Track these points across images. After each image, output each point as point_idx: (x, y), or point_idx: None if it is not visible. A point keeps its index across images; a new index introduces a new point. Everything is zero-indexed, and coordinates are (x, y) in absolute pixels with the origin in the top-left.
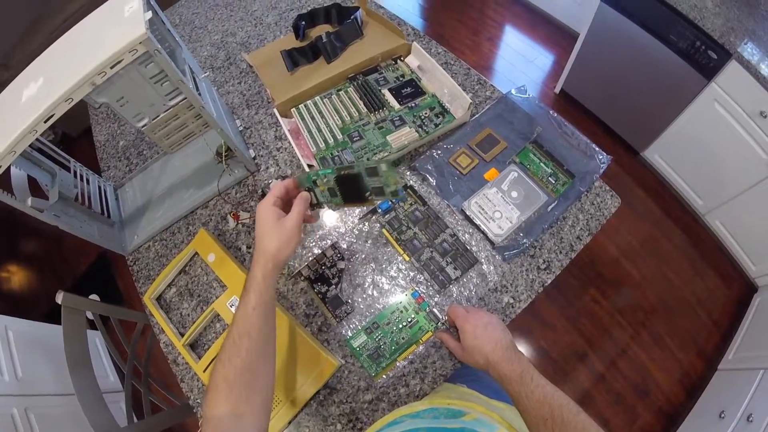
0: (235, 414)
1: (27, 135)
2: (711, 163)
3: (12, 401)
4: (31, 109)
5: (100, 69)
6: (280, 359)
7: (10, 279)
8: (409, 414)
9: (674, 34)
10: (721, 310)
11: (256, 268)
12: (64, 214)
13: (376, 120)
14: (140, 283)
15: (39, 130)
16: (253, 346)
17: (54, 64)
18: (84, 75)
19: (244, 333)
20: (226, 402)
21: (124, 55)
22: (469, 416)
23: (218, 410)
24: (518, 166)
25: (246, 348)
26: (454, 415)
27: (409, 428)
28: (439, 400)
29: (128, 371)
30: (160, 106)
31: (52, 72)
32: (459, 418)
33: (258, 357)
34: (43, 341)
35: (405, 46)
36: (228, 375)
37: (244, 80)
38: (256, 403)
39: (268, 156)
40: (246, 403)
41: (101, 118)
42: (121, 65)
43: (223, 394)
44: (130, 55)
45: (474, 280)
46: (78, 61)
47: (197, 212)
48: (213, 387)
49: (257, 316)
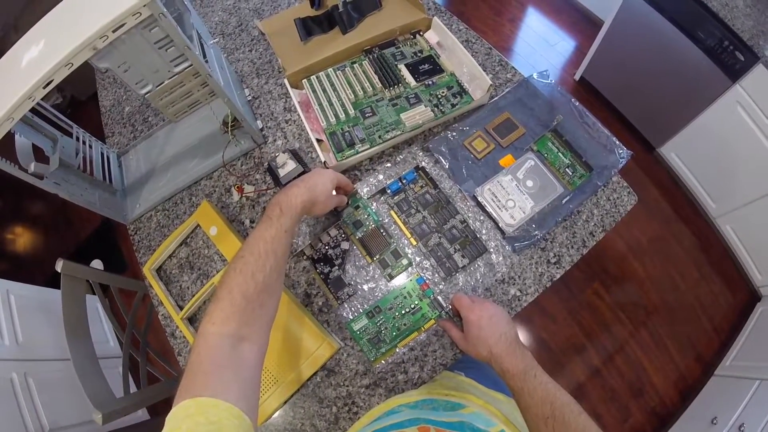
0: (238, 335)
1: (25, 101)
2: (728, 166)
3: (12, 366)
4: (30, 74)
5: (102, 33)
6: (278, 337)
7: (15, 241)
8: (407, 404)
9: (702, 30)
10: (723, 316)
11: (297, 198)
12: (64, 181)
13: (390, 96)
14: (141, 253)
15: (37, 96)
16: (276, 265)
17: (56, 27)
18: (85, 39)
19: (272, 250)
20: (236, 318)
21: (128, 18)
22: (467, 409)
23: (223, 327)
24: (535, 154)
25: (270, 266)
26: (452, 408)
27: (408, 418)
28: (438, 390)
29: (126, 341)
30: (164, 72)
31: (53, 35)
32: (457, 410)
33: (276, 279)
34: (44, 306)
35: (425, 20)
36: (248, 290)
37: (255, 48)
38: (263, 324)
39: (276, 128)
40: (254, 323)
41: (107, 82)
42: (124, 29)
43: (236, 307)
44: (133, 19)
45: (481, 269)
46: (79, 24)
47: (201, 183)
48: (227, 297)
49: (287, 239)
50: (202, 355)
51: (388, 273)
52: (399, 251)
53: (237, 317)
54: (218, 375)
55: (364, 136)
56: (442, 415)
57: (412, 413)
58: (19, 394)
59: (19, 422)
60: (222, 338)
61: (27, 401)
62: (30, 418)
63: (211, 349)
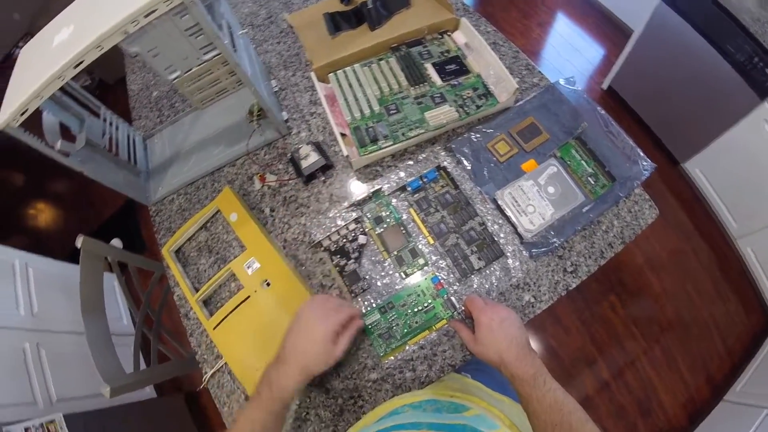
0: None
1: (55, 80)
2: (752, 186)
3: (25, 335)
4: (61, 55)
5: (134, 17)
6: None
7: (37, 216)
8: (411, 404)
9: (733, 45)
10: (737, 337)
11: (289, 380)
12: (90, 160)
13: (415, 94)
14: (161, 234)
15: (67, 75)
16: None
17: (87, 10)
18: (116, 23)
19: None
20: None
21: (159, 4)
22: (471, 412)
23: None
24: (558, 161)
25: None
26: (456, 410)
27: (411, 421)
28: (442, 391)
29: (140, 320)
30: (193, 59)
31: (85, 18)
32: (461, 413)
33: None
34: (62, 280)
35: (453, 20)
36: None
37: (284, 40)
38: None
39: (300, 120)
40: None
41: (137, 67)
42: (155, 15)
43: None
44: (164, 5)
45: (497, 273)
46: (111, 7)
47: (224, 170)
48: None
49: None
50: None
51: (403, 270)
52: (416, 250)
53: None
54: None
55: (388, 133)
56: (445, 417)
57: (415, 415)
58: (30, 363)
59: (28, 391)
60: None
61: (37, 371)
62: (39, 387)
63: None
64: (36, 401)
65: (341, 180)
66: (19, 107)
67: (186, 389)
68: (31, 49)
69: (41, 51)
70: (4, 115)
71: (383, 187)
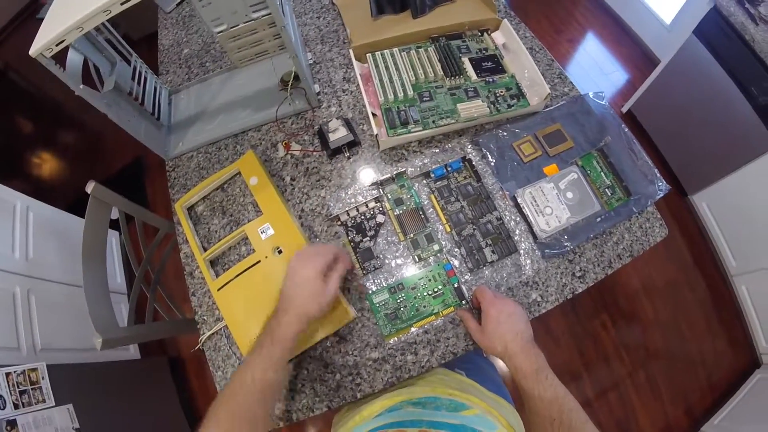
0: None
1: (99, 14)
2: (756, 227)
3: (17, 279)
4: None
5: None
6: None
7: (41, 166)
8: (410, 400)
9: (756, 87)
10: (722, 375)
11: (289, 328)
12: (115, 104)
13: (450, 85)
14: (175, 190)
15: (113, 10)
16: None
17: None
18: None
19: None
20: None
21: None
22: (470, 411)
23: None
24: (579, 169)
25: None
26: (456, 408)
27: (411, 418)
28: (441, 389)
29: (139, 274)
30: (242, 15)
31: None
32: (460, 412)
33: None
34: (60, 229)
35: (495, 20)
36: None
37: (324, 16)
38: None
39: (332, 95)
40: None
41: (169, 23)
42: None
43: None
44: None
45: (508, 268)
46: None
47: (248, 134)
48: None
49: (275, 373)
50: None
51: (417, 254)
52: (432, 236)
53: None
54: None
55: (419, 118)
56: (444, 416)
57: (414, 412)
58: (18, 308)
59: (13, 335)
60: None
61: (25, 317)
62: (24, 333)
63: None
64: (20, 347)
65: (366, 158)
66: (57, 36)
67: (171, 354)
68: None
69: None
70: (40, 43)
71: (407, 170)
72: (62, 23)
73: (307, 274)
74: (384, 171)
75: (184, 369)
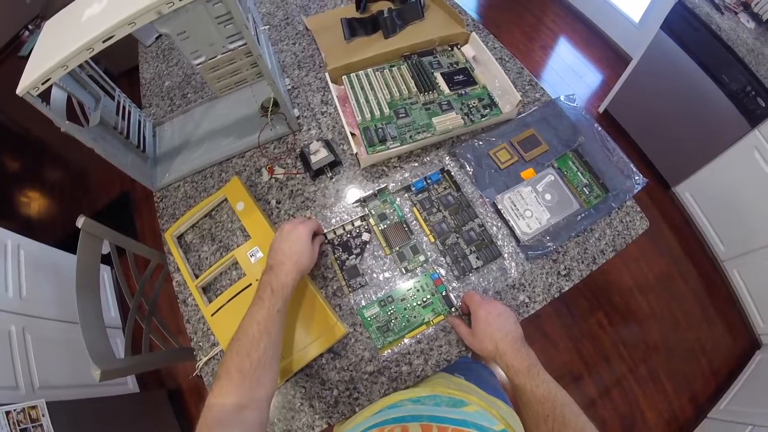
0: (239, 404)
1: (83, 52)
2: (740, 210)
3: (12, 318)
4: (91, 28)
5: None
6: (290, 314)
7: (29, 204)
8: (410, 398)
9: (727, 74)
10: (722, 360)
11: (288, 276)
12: (102, 139)
13: (424, 101)
14: (164, 220)
15: (96, 48)
16: (270, 344)
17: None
18: (153, 2)
19: (265, 331)
20: (235, 392)
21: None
22: (470, 407)
23: (225, 399)
24: (556, 170)
25: (265, 344)
26: (455, 405)
27: (410, 414)
28: (441, 389)
29: (134, 305)
30: (219, 47)
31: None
32: (460, 408)
33: (272, 355)
34: (52, 266)
35: (464, 34)
36: (244, 367)
37: (299, 42)
38: (261, 397)
39: (311, 118)
40: (252, 396)
41: (150, 57)
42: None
43: (234, 383)
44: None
45: (494, 273)
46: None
47: (233, 160)
48: (225, 375)
49: (280, 318)
50: (207, 420)
51: (404, 266)
52: (417, 247)
53: (236, 390)
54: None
55: (396, 135)
56: (445, 411)
57: (415, 408)
58: (14, 346)
59: (10, 374)
60: (224, 407)
61: (21, 355)
62: (22, 371)
63: (215, 415)
64: (18, 386)
65: (348, 177)
66: (42, 75)
67: (169, 386)
68: (58, 22)
69: (69, 24)
70: (26, 81)
71: (389, 186)
72: (47, 62)
73: (299, 233)
74: (366, 188)
75: (184, 400)
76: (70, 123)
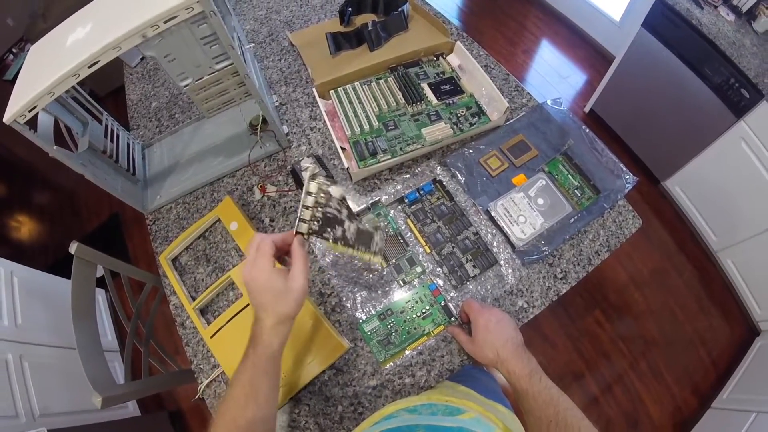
0: None
1: (69, 78)
2: (731, 201)
3: (8, 346)
4: (76, 53)
5: (154, 22)
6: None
7: (19, 228)
8: (406, 408)
9: (710, 68)
10: (722, 349)
11: (269, 334)
12: (90, 163)
13: (412, 112)
14: (157, 243)
15: (82, 74)
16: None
17: (106, 12)
18: (137, 25)
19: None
20: None
21: (180, 11)
22: (467, 415)
23: None
24: (547, 175)
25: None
26: (451, 413)
27: (406, 424)
28: (437, 396)
29: (131, 329)
30: (205, 68)
31: (104, 19)
32: (456, 416)
33: (261, 417)
34: (46, 292)
35: (448, 44)
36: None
37: (285, 58)
38: None
39: (301, 134)
40: None
41: (135, 78)
42: (175, 21)
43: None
44: (185, 12)
45: (491, 280)
46: (132, 11)
47: (224, 180)
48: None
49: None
50: None
51: (402, 278)
52: (414, 258)
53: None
54: None
55: (386, 147)
56: (441, 419)
57: (410, 418)
58: (12, 375)
59: (9, 403)
60: None
61: (20, 383)
62: (21, 400)
63: None
64: (18, 414)
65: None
66: (29, 102)
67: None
68: (43, 48)
69: (54, 50)
70: (13, 110)
71: (382, 199)
72: (33, 89)
73: (258, 276)
74: (359, 201)
75: (185, 421)
76: (59, 148)
